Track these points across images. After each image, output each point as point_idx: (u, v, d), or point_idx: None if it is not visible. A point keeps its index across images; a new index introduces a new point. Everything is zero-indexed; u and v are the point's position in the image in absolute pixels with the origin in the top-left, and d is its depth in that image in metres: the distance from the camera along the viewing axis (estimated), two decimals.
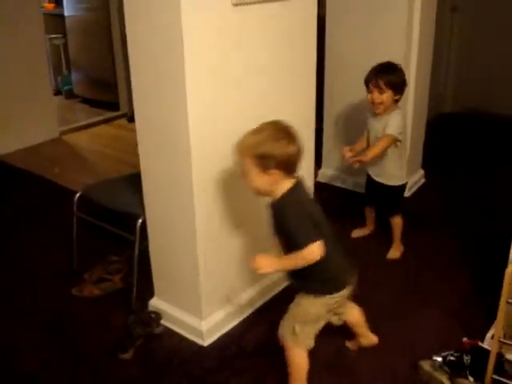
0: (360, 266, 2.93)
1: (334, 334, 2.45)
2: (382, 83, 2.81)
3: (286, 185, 1.89)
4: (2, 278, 2.96)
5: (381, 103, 2.85)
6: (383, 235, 3.22)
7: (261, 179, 1.87)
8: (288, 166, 1.86)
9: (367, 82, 2.88)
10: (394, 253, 3.12)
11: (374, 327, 2.51)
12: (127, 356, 2.37)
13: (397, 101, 2.90)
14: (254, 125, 2.37)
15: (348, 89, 3.68)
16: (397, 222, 3.11)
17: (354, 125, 3.72)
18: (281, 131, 1.88)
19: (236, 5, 2.11)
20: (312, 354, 2.31)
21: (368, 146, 3.01)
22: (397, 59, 3.29)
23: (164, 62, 2.06)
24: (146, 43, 2.11)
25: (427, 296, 2.75)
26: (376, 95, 2.85)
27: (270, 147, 1.83)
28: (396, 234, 3.14)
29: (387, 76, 2.82)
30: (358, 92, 3.51)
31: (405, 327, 2.52)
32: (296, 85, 2.59)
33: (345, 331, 2.46)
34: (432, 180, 4.06)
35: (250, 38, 2.24)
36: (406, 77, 2.97)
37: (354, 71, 3.58)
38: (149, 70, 2.15)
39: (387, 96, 2.83)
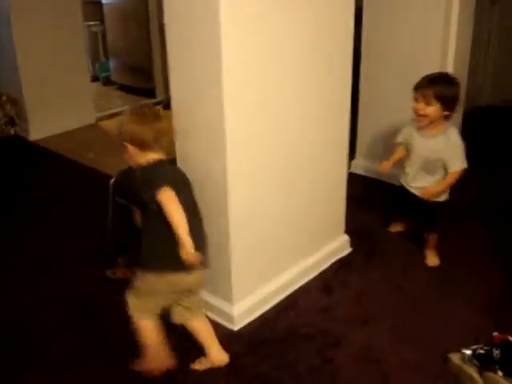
0: (390, 257, 2.99)
1: (363, 325, 2.47)
2: (430, 93, 2.55)
3: (149, 157, 2.04)
4: (38, 261, 3.03)
5: (425, 116, 2.60)
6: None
7: (123, 152, 2.08)
8: (136, 142, 2.02)
9: (416, 88, 2.63)
10: (433, 260, 2.91)
11: (403, 319, 2.51)
12: None
13: (447, 117, 2.62)
14: (286, 115, 2.39)
15: (385, 75, 3.67)
16: (432, 237, 2.92)
17: (390, 113, 3.72)
18: (138, 111, 2.08)
19: None
20: (341, 344, 2.34)
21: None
22: (434, 50, 3.28)
23: (201, 51, 2.09)
24: (184, 31, 2.13)
25: (458, 289, 2.72)
26: (421, 106, 2.59)
27: (120, 123, 2.10)
28: (431, 245, 2.94)
29: (438, 87, 2.56)
30: (395, 78, 3.52)
31: (435, 320, 2.51)
32: (332, 71, 2.59)
33: (375, 322, 2.48)
34: (466, 173, 4.00)
35: (286, 25, 2.25)
36: (444, 67, 2.91)
37: (391, 57, 3.60)
38: (186, 60, 2.18)
39: (434, 109, 2.56)
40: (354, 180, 3.39)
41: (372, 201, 3.59)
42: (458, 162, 2.66)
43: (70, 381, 2.23)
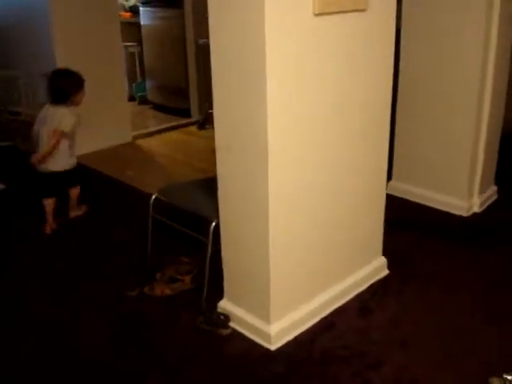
0: (427, 280, 2.97)
1: (400, 348, 2.44)
2: None
3: None
4: (77, 274, 3.08)
5: None
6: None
7: None
8: None
9: None
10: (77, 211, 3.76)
11: (441, 343, 2.49)
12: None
13: None
14: (328, 134, 2.41)
15: (422, 99, 3.68)
16: (75, 191, 3.72)
17: (426, 136, 3.71)
18: None
19: (317, 15, 2.15)
20: (378, 366, 2.32)
21: None
22: (472, 77, 3.29)
23: (245, 69, 2.12)
24: (229, 49, 2.17)
25: (499, 314, 2.69)
26: None
27: None
28: (73, 201, 3.74)
29: None
30: (432, 103, 3.52)
31: (475, 344, 2.48)
32: (372, 92, 2.60)
33: (413, 345, 2.45)
34: (505, 197, 3.97)
35: (328, 47, 2.28)
36: (482, 93, 2.90)
37: (429, 83, 3.61)
38: (230, 77, 2.21)
39: None
40: (390, 202, 3.36)
41: (408, 223, 3.57)
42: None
43: None
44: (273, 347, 2.45)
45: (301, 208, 2.40)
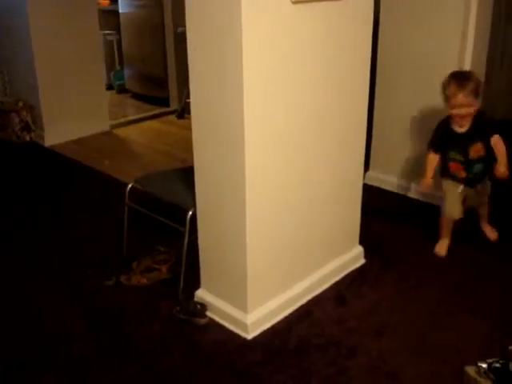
0: (404, 269, 2.99)
1: (376, 336, 2.46)
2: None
3: None
4: (52, 265, 3.05)
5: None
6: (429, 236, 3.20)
7: None
8: None
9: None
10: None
11: (417, 331, 2.50)
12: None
13: None
14: (305, 123, 2.41)
15: (400, 88, 3.70)
16: None
17: (404, 125, 3.72)
18: None
19: (295, 3, 2.14)
20: (355, 355, 2.33)
21: None
22: (450, 63, 3.28)
23: (222, 57, 2.11)
24: (205, 38, 2.15)
25: (475, 303, 2.71)
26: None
27: None
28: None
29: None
30: (410, 92, 3.56)
31: (450, 333, 2.50)
32: (349, 82, 2.60)
33: (389, 333, 2.47)
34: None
35: (306, 35, 2.27)
36: None
37: (406, 72, 3.60)
38: (206, 66, 2.19)
39: None
40: (368, 191, 3.37)
41: (386, 212, 3.59)
42: None
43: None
44: (249, 336, 2.45)
45: (278, 198, 2.40)
